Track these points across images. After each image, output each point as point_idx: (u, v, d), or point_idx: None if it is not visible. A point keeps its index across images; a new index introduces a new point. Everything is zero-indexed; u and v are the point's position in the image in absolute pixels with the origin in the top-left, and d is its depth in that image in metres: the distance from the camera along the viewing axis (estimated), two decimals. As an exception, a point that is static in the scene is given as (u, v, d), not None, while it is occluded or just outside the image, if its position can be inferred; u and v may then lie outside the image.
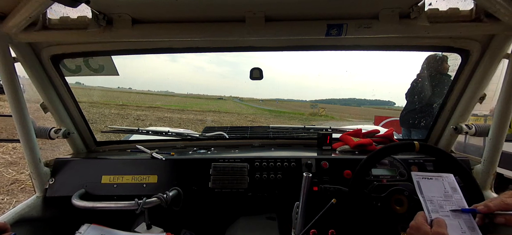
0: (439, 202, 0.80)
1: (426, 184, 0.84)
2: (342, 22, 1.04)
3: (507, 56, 1.08)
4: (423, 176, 0.86)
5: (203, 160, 1.33)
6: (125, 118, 12.68)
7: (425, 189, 0.83)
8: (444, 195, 0.82)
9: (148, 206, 1.12)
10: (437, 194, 0.82)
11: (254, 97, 47.52)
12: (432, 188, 0.84)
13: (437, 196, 0.82)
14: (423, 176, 0.86)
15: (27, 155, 1.21)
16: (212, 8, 1.01)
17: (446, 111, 1.41)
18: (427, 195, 0.82)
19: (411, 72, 7.28)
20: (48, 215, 1.27)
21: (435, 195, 0.82)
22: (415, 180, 0.85)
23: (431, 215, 0.77)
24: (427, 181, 0.85)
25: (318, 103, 36.11)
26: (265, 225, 1.22)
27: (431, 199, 0.81)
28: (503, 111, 1.09)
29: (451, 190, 0.83)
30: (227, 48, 1.28)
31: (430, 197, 0.81)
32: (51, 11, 1.05)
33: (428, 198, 0.81)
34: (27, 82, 1.23)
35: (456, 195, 0.82)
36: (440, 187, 0.84)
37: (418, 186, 0.84)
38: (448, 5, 1.02)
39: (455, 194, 0.82)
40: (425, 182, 0.85)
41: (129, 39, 1.13)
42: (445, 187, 0.84)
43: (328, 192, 1.14)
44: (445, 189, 0.84)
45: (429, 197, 0.81)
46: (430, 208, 0.79)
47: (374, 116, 7.04)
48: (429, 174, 0.87)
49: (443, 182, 0.85)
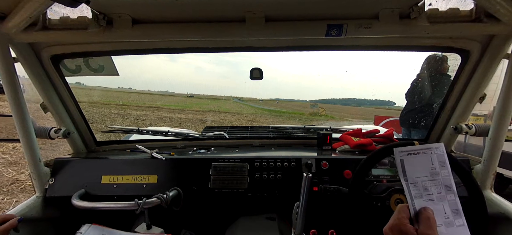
0: (423, 183, 0.71)
1: (411, 162, 0.74)
2: (342, 22, 1.04)
3: (507, 56, 1.08)
4: (409, 152, 0.74)
5: (203, 160, 1.33)
6: (125, 117, 12.68)
7: (409, 169, 0.73)
8: (431, 173, 0.73)
9: (148, 206, 1.12)
10: (423, 173, 0.73)
11: (254, 97, 47.48)
12: (417, 166, 0.73)
13: (423, 175, 0.72)
14: (409, 151, 0.74)
15: (27, 155, 1.21)
16: (212, 8, 1.01)
17: (446, 111, 1.41)
18: (411, 177, 0.73)
19: (411, 72, 7.27)
20: (48, 215, 1.27)
21: (420, 175, 0.72)
22: (399, 158, 0.74)
23: (414, 202, 0.69)
24: (412, 157, 0.74)
25: (318, 103, 36.09)
26: (265, 225, 1.22)
27: (415, 181, 0.72)
28: (503, 111, 1.09)
29: (439, 165, 0.73)
30: (227, 48, 1.28)
31: (414, 179, 0.72)
32: (51, 11, 1.05)
33: (412, 180, 0.72)
34: (27, 82, 1.23)
35: (444, 171, 0.73)
36: (427, 163, 0.74)
37: (402, 166, 0.74)
38: (448, 5, 1.02)
39: (443, 169, 0.73)
40: (410, 160, 0.74)
41: (129, 39, 1.13)
42: (433, 162, 0.74)
43: (328, 192, 1.14)
44: (432, 165, 0.74)
45: (413, 179, 0.72)
46: (413, 194, 0.70)
47: (374, 116, 7.04)
48: (416, 148, 0.74)
49: (431, 155, 0.74)
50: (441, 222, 0.68)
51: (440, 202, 0.70)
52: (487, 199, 1.14)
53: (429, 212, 0.65)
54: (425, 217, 0.64)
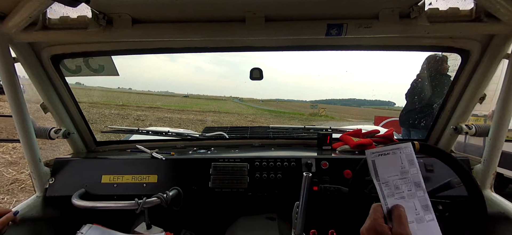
0: (395, 182, 0.73)
1: (382, 163, 0.75)
2: (342, 22, 1.04)
3: (507, 56, 1.08)
4: (379, 153, 0.76)
5: (203, 160, 1.33)
6: (125, 118, 12.68)
7: (380, 169, 0.75)
8: (401, 172, 0.74)
9: (148, 206, 1.12)
10: (394, 173, 0.74)
11: (254, 97, 47.46)
12: (388, 166, 0.75)
13: (393, 174, 0.74)
14: (379, 152, 0.76)
15: (27, 155, 1.21)
16: (212, 8, 1.01)
17: (446, 111, 1.41)
18: (383, 176, 0.74)
19: (411, 73, 7.27)
20: (48, 215, 1.27)
21: (391, 175, 0.74)
22: (370, 160, 0.75)
23: (387, 201, 0.71)
24: (383, 158, 0.76)
25: (318, 104, 36.05)
26: (265, 225, 1.21)
27: (387, 180, 0.73)
28: (503, 111, 1.09)
29: (408, 163, 0.75)
30: (227, 48, 1.28)
31: (386, 179, 0.73)
32: (51, 11, 1.05)
33: (384, 180, 0.73)
34: (27, 82, 1.22)
35: (413, 169, 0.74)
36: (397, 163, 0.75)
37: (373, 167, 0.75)
38: (448, 5, 1.02)
39: (412, 167, 0.75)
40: (381, 160, 0.76)
41: (129, 39, 1.13)
42: (402, 161, 0.76)
43: (328, 192, 1.14)
44: (402, 164, 0.75)
45: (385, 178, 0.74)
46: (385, 193, 0.72)
47: (374, 117, 7.05)
48: (386, 148, 0.76)
49: (400, 155, 0.76)
50: (412, 219, 0.69)
51: (411, 199, 0.71)
52: (487, 198, 1.14)
53: (401, 210, 0.67)
54: (397, 215, 0.66)
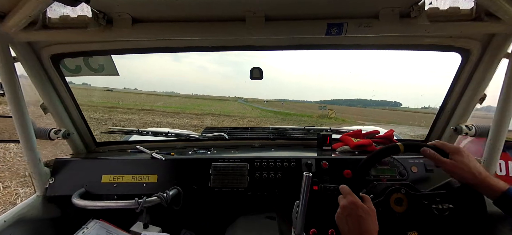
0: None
1: None
2: (342, 21, 1.04)
3: (507, 55, 1.07)
4: None
5: (203, 160, 1.32)
6: (102, 123, 12.00)
7: None
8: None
9: (148, 205, 1.12)
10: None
11: (258, 97, 47.49)
12: None
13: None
14: None
15: (27, 155, 1.20)
16: (212, 7, 1.01)
17: (446, 112, 1.41)
18: None
19: (418, 73, 7.20)
20: (48, 215, 1.27)
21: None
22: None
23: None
24: None
25: (327, 105, 35.28)
26: (265, 224, 1.21)
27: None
28: (503, 111, 1.09)
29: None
30: (227, 47, 1.28)
31: None
32: (51, 10, 1.04)
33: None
34: (27, 83, 1.22)
35: None
36: None
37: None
38: (449, 4, 1.02)
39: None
40: None
41: (129, 38, 1.13)
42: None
43: (328, 191, 1.14)
44: None
45: None
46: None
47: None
48: None
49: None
50: None
51: None
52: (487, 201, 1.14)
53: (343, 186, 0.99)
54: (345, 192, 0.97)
